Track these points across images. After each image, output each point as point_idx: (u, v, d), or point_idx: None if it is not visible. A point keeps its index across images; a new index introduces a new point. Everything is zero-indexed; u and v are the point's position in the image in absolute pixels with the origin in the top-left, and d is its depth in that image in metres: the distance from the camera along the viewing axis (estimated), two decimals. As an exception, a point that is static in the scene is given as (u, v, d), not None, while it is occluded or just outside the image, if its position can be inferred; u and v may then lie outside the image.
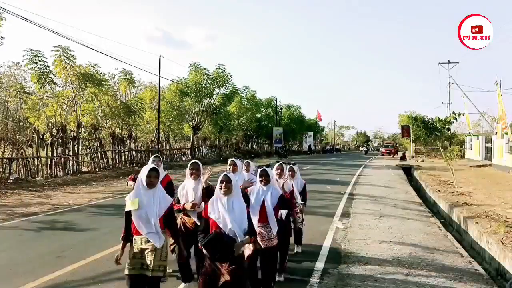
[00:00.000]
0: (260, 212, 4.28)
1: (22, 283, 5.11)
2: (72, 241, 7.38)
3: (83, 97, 21.51)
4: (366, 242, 7.32)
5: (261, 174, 4.46)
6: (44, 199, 12.48)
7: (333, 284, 5.18)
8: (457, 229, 9.66)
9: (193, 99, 31.01)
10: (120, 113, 23.59)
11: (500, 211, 9.50)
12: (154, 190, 3.60)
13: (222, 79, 32.02)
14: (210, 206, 3.52)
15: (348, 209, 10.81)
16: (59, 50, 19.71)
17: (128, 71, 26.56)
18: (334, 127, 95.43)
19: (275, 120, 51.03)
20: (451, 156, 16.34)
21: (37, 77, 19.29)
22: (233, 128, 38.25)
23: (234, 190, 3.48)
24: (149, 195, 3.58)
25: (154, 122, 27.38)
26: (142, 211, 3.54)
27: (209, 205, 3.54)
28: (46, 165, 18.94)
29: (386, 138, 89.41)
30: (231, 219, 3.40)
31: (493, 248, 6.82)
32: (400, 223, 9.01)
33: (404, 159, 36.04)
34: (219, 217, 3.43)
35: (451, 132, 41.24)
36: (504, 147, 21.39)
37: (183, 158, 31.61)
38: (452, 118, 33.84)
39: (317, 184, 16.49)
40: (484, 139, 28.57)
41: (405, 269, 5.77)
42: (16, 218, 9.53)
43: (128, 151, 25.61)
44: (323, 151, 67.41)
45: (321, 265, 5.93)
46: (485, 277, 5.61)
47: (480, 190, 13.58)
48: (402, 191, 15.10)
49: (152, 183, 3.57)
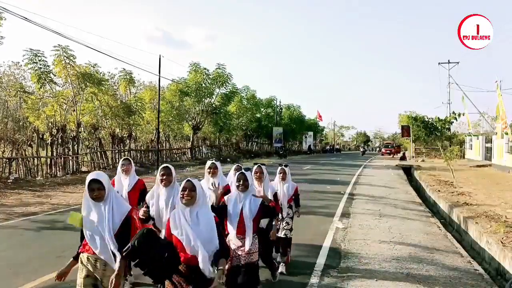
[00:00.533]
0: (238, 224, 3.76)
1: (22, 283, 5.11)
2: (72, 241, 7.32)
3: (83, 96, 21.51)
4: (366, 242, 7.31)
5: (239, 178, 3.85)
6: (44, 199, 12.48)
7: (333, 284, 5.18)
8: (457, 229, 9.66)
9: (193, 99, 31.01)
10: (120, 112, 23.59)
11: (500, 211, 9.50)
12: (105, 203, 3.09)
13: (222, 79, 32.03)
14: (171, 220, 2.99)
15: (348, 209, 10.81)
16: (59, 50, 19.71)
17: (128, 71, 26.61)
18: (334, 127, 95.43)
19: (275, 120, 51.02)
20: (451, 156, 16.34)
21: (37, 77, 19.29)
22: (233, 128, 38.25)
23: (200, 200, 3.00)
24: (99, 209, 3.08)
25: (154, 122, 27.36)
26: (92, 227, 3.08)
27: (170, 219, 3.02)
28: (46, 164, 18.94)
29: (386, 138, 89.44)
30: (195, 235, 2.88)
31: (493, 248, 6.82)
32: (400, 223, 9.01)
33: (404, 159, 36.05)
34: (182, 233, 2.92)
35: (451, 132, 41.24)
36: (504, 147, 21.39)
37: (183, 158, 31.62)
38: (452, 118, 33.84)
39: (317, 184, 16.50)
40: (484, 139, 28.57)
41: (405, 269, 5.76)
42: (16, 217, 9.53)
43: (128, 151, 25.61)
44: (323, 151, 67.39)
45: (321, 265, 5.93)
46: (485, 277, 5.61)
47: (480, 190, 13.58)
48: (402, 191, 15.10)
49: (98, 197, 3.06)
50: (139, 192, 4.92)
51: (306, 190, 14.43)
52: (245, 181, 3.83)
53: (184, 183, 3.03)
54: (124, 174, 5.01)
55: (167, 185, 3.86)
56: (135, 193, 4.93)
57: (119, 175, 5.04)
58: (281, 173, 5.60)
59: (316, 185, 16.32)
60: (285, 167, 5.67)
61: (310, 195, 13.18)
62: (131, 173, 5.03)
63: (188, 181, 3.02)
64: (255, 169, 4.76)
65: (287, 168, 5.69)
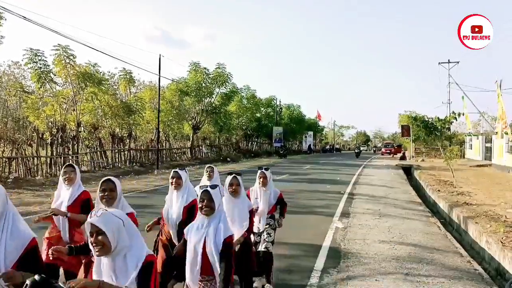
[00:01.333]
0: (202, 260, 2.82)
1: (21, 282, 5.10)
2: (71, 241, 7.36)
3: (83, 96, 21.51)
4: (365, 242, 7.31)
5: (202, 197, 2.92)
6: (44, 198, 12.46)
7: (333, 284, 5.18)
8: (456, 229, 9.66)
9: (193, 98, 31.01)
10: (120, 112, 23.59)
11: (500, 211, 9.50)
12: None
13: (222, 78, 32.02)
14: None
15: (348, 208, 10.81)
16: (59, 50, 19.70)
17: (128, 70, 26.61)
18: (334, 126, 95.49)
19: (275, 119, 51.03)
20: (451, 156, 16.35)
21: (37, 76, 19.28)
22: (233, 127, 38.24)
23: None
24: None
25: (154, 122, 27.35)
26: None
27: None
28: (46, 164, 18.93)
29: (386, 138, 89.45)
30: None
31: (492, 248, 6.82)
32: (400, 223, 9.01)
33: (404, 158, 36.07)
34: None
35: (451, 132, 41.24)
36: (504, 147, 21.40)
37: (183, 157, 31.63)
38: (452, 118, 33.82)
39: (317, 184, 16.52)
40: (484, 139, 28.59)
41: (404, 269, 5.76)
42: (16, 217, 9.51)
43: (128, 151, 25.59)
44: (323, 150, 67.39)
45: (320, 265, 5.93)
46: (484, 277, 5.61)
47: (480, 190, 13.58)
48: (402, 190, 15.10)
49: None
50: (80, 206, 3.91)
51: (306, 190, 14.46)
52: (210, 200, 2.89)
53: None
54: (66, 183, 3.94)
55: (110, 204, 3.12)
56: (76, 208, 3.89)
57: (61, 185, 4.01)
58: (261, 177, 4.76)
59: (316, 184, 16.34)
60: (266, 171, 4.80)
61: (310, 195, 13.20)
62: (75, 182, 3.95)
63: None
64: (229, 181, 3.94)
65: (268, 172, 4.81)
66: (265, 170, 4.83)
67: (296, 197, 12.49)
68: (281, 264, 5.92)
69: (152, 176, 20.39)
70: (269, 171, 4.87)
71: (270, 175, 4.85)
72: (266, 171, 4.82)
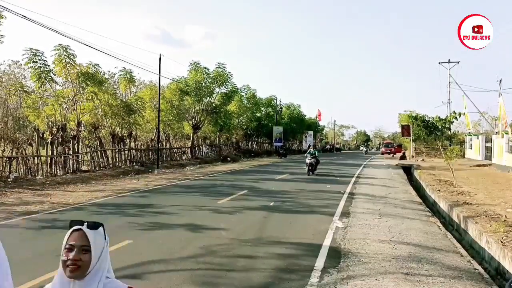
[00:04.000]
0: None
1: (21, 282, 5.11)
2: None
3: (83, 96, 21.52)
4: (365, 241, 7.32)
5: (69, 245, 1.74)
6: (44, 198, 12.48)
7: (333, 284, 5.18)
8: (456, 229, 9.67)
9: (193, 98, 31.03)
10: (120, 112, 23.60)
11: (500, 210, 9.50)
12: None
13: (222, 78, 32.06)
14: None
15: (348, 208, 10.81)
16: (60, 49, 19.71)
17: (128, 70, 26.61)
18: (334, 126, 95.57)
19: (275, 119, 51.04)
20: (451, 156, 16.34)
21: (37, 76, 19.29)
22: (233, 127, 38.27)
23: None
24: None
25: (154, 121, 27.36)
26: None
27: None
28: (46, 163, 18.94)
29: (386, 138, 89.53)
30: None
31: (492, 247, 6.83)
32: (400, 223, 9.02)
33: (404, 158, 36.08)
34: None
35: (451, 132, 41.28)
36: (504, 147, 21.41)
37: (183, 157, 31.65)
38: (452, 118, 33.82)
39: (317, 184, 16.53)
40: (484, 138, 28.59)
41: (404, 269, 5.76)
42: (16, 216, 9.53)
43: (128, 150, 25.61)
44: (323, 150, 67.38)
45: (320, 265, 5.93)
46: (484, 276, 5.61)
47: (480, 190, 13.59)
48: (402, 190, 15.11)
49: None
50: None
51: (306, 189, 14.47)
52: (81, 251, 1.67)
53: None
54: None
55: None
56: None
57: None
58: None
59: (316, 184, 16.35)
60: None
61: (310, 194, 13.22)
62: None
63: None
64: None
65: None
66: None
67: (296, 197, 12.50)
68: (281, 263, 5.93)
69: (152, 175, 20.42)
70: None
71: None
72: None
